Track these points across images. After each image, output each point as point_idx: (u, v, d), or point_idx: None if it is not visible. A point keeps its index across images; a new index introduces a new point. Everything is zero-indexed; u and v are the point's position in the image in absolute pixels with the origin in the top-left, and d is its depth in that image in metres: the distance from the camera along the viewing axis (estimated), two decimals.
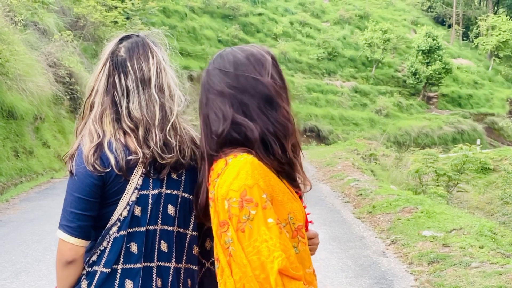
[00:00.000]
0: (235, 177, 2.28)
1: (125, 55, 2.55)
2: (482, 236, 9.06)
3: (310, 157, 24.19)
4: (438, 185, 17.89)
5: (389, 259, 8.82)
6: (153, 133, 2.49)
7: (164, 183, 2.52)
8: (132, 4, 31.00)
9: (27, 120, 17.08)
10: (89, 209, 2.45)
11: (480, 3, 78.50)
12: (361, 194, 14.39)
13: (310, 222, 2.46)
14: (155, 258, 2.51)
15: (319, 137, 39.75)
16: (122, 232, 2.45)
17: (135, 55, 2.55)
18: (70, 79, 21.43)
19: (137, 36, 2.63)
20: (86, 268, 2.48)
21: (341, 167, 20.32)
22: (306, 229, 2.45)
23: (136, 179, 2.47)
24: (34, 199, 13.45)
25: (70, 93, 21.54)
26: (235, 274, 2.25)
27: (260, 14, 52.88)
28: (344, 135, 40.20)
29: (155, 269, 2.50)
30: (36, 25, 21.76)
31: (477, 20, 67.38)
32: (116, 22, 28.06)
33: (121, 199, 2.46)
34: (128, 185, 2.46)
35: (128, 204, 2.46)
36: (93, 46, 27.37)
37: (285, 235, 2.28)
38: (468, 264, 7.68)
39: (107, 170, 2.43)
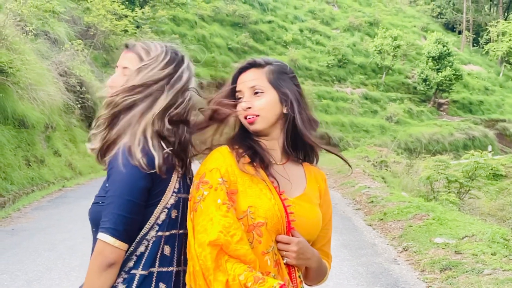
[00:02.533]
0: (203, 164, 2.46)
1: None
2: (495, 243, 9.01)
3: (320, 164, 24.10)
4: (449, 192, 17.83)
5: (401, 266, 8.79)
6: (178, 138, 2.57)
7: (187, 187, 2.59)
8: (142, 13, 31.17)
9: (38, 129, 17.15)
10: (137, 213, 2.44)
11: (490, 9, 78.34)
12: (372, 201, 14.38)
13: (292, 228, 2.44)
14: (182, 262, 2.55)
15: (330, 144, 39.57)
16: (160, 233, 2.49)
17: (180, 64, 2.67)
18: (81, 88, 21.53)
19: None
20: (123, 274, 2.46)
21: (352, 174, 20.28)
22: (287, 234, 2.44)
23: (174, 181, 2.52)
24: (46, 208, 13.49)
25: (81, 102, 21.64)
26: (188, 253, 2.37)
27: (269, 22, 52.92)
28: (354, 142, 40.12)
29: (182, 273, 2.54)
30: (47, 35, 21.88)
31: (487, 26, 67.14)
32: (126, 31, 28.20)
33: (160, 201, 2.49)
34: (167, 187, 2.50)
35: (165, 207, 2.49)
36: (103, 55, 27.51)
37: (233, 217, 2.34)
38: (481, 271, 7.65)
39: (153, 171, 2.45)
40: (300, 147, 2.65)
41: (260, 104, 2.50)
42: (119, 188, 2.42)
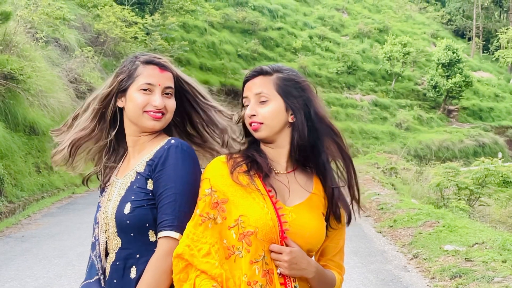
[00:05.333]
0: (202, 173, 2.53)
1: None
2: (505, 250, 8.97)
3: None
4: (459, 199, 17.76)
5: (411, 273, 8.77)
6: None
7: None
8: (152, 19, 31.20)
9: (49, 135, 17.13)
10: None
11: (500, 15, 78.19)
12: (382, 208, 14.34)
13: (285, 237, 2.40)
14: None
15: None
16: None
17: None
18: None
19: None
20: None
21: (362, 181, 20.23)
22: (280, 243, 2.41)
23: None
24: (56, 214, 13.53)
25: None
26: None
27: (279, 29, 53.00)
28: (364, 149, 40.05)
29: None
30: (57, 42, 21.95)
31: (497, 33, 67.07)
32: (136, 38, 28.25)
33: None
34: None
35: None
36: (113, 62, 27.54)
37: (205, 230, 2.38)
38: (491, 278, 7.61)
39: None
40: (310, 156, 2.61)
41: (264, 112, 2.50)
42: (182, 185, 2.48)
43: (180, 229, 2.42)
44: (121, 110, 2.72)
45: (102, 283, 2.63)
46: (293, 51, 51.07)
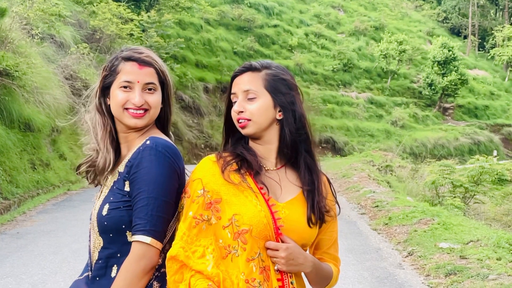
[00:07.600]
0: (192, 172, 2.52)
1: None
2: (500, 248, 8.98)
3: (325, 168, 24.06)
4: (454, 197, 17.76)
5: (406, 271, 8.78)
6: None
7: None
8: (148, 16, 31.17)
9: (44, 132, 17.16)
10: (171, 214, 2.49)
11: (496, 14, 78.27)
12: (377, 206, 14.34)
13: (280, 234, 2.42)
14: None
15: (335, 148, 39.68)
16: None
17: None
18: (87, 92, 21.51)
19: None
20: (155, 272, 2.49)
21: (357, 179, 20.27)
22: (276, 240, 2.42)
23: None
24: (51, 211, 13.51)
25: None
26: None
27: (275, 26, 52.95)
28: (359, 147, 40.08)
29: None
30: (53, 38, 21.90)
31: (493, 31, 67.10)
32: (132, 35, 28.20)
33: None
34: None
35: None
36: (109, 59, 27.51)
37: (199, 232, 2.38)
38: (486, 276, 7.62)
39: (180, 169, 2.55)
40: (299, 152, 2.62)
41: (252, 108, 2.50)
42: (155, 189, 2.45)
43: (153, 233, 2.41)
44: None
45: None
46: (289, 49, 51.05)
